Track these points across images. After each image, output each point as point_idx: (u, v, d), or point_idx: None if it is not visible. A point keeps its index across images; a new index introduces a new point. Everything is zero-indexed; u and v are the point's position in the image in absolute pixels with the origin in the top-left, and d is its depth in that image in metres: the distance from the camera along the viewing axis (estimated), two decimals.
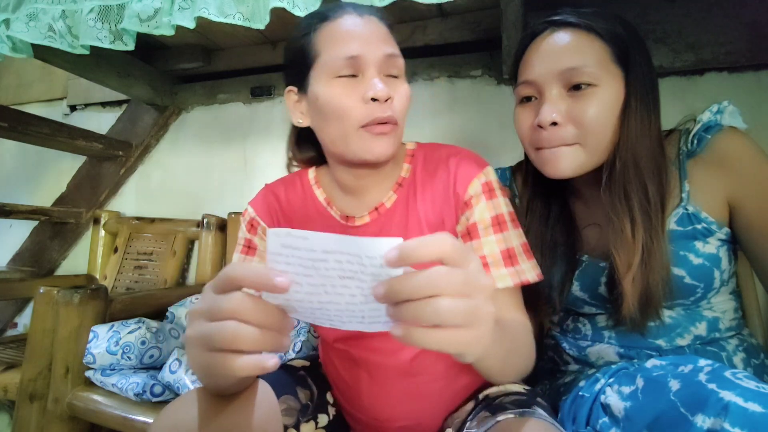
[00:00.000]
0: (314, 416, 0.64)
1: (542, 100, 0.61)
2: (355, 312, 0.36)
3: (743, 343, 0.64)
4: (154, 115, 1.66)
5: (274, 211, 0.70)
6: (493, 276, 0.57)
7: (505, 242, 0.59)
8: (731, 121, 0.62)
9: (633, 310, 0.59)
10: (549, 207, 0.72)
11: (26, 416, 1.01)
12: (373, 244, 0.32)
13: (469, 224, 0.60)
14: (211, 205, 1.58)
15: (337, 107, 0.57)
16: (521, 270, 0.58)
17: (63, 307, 0.99)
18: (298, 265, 0.34)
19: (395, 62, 0.59)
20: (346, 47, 0.56)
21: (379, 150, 0.57)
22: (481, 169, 0.62)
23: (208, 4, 0.91)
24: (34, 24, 1.04)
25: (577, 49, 0.59)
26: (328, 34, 0.58)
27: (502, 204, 0.61)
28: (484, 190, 0.61)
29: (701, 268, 0.60)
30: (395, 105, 0.58)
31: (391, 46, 0.59)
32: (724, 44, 1.04)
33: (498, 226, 0.59)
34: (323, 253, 0.33)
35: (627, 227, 0.59)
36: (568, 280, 0.69)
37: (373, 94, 0.55)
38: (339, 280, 0.34)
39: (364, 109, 0.56)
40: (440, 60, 1.33)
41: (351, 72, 0.57)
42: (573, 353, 0.71)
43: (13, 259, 1.77)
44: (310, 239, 0.33)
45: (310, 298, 0.35)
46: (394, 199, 0.64)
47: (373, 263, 0.32)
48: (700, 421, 0.41)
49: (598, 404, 0.54)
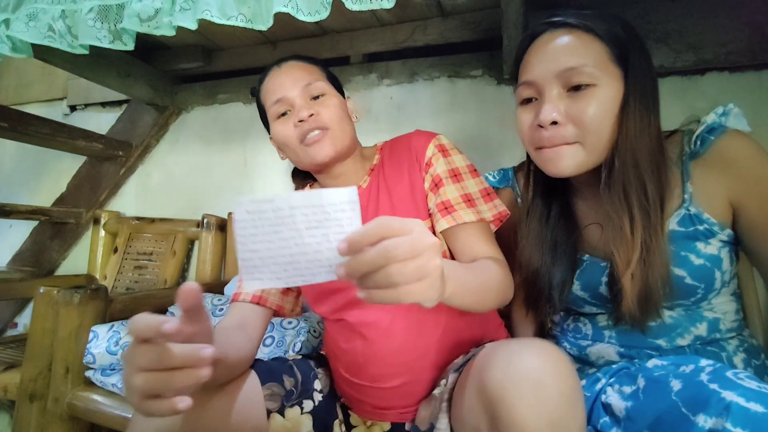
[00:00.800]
0: (299, 402, 0.70)
1: (542, 101, 0.61)
2: (323, 261, 0.41)
3: (744, 343, 0.64)
4: (154, 115, 1.66)
5: None
6: (460, 214, 0.69)
7: (463, 189, 0.72)
8: (735, 123, 0.62)
9: (633, 308, 0.59)
10: (550, 206, 0.72)
11: (26, 416, 1.01)
12: (332, 193, 0.39)
13: (433, 177, 0.74)
14: (211, 205, 1.58)
15: (282, 139, 0.76)
16: (480, 210, 0.70)
17: (63, 307, 0.99)
18: (267, 225, 0.39)
19: (313, 87, 0.75)
20: (273, 95, 0.76)
21: (322, 153, 0.73)
22: (433, 137, 0.78)
23: (209, 6, 0.90)
24: (34, 24, 1.04)
25: (576, 50, 0.59)
26: (264, 91, 0.79)
27: (457, 160, 0.75)
28: (439, 149, 0.76)
29: (702, 269, 0.60)
30: (322, 116, 0.73)
31: (306, 77, 0.76)
32: (725, 44, 1.04)
33: (455, 177, 0.73)
34: (290, 209, 0.39)
35: (626, 225, 0.59)
36: (569, 279, 0.69)
37: (297, 118, 0.73)
38: (306, 231, 0.39)
39: (295, 131, 0.74)
40: (440, 60, 1.33)
41: (283, 111, 0.75)
42: (573, 353, 0.72)
43: (13, 259, 1.77)
44: (276, 200, 0.39)
45: (282, 251, 0.40)
46: (368, 180, 0.80)
47: (335, 209, 0.39)
48: (701, 421, 0.41)
49: (599, 404, 0.54)
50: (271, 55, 1.48)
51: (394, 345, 0.66)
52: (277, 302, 0.77)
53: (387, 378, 0.66)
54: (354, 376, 0.69)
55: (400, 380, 0.66)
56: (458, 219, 0.69)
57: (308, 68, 0.78)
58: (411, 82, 1.37)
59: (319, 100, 0.76)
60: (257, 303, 0.75)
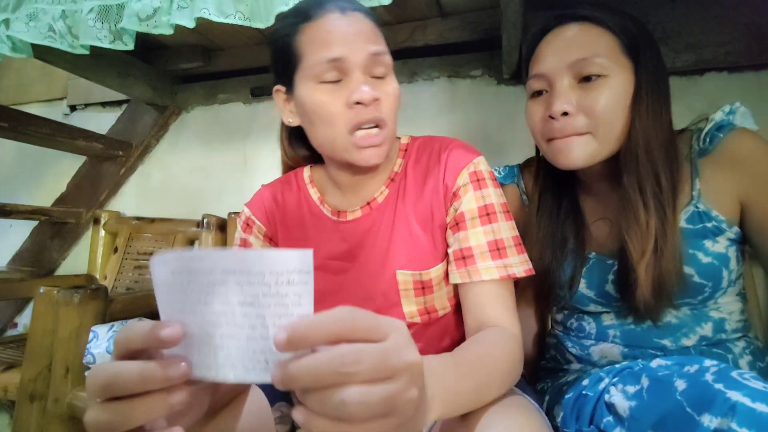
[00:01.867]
0: None
1: (553, 92, 0.62)
2: (257, 353, 0.29)
3: (750, 345, 0.64)
4: (154, 115, 1.66)
5: (270, 211, 0.69)
6: (478, 268, 0.56)
7: (494, 233, 0.57)
8: (743, 122, 0.62)
9: (648, 297, 0.59)
10: (559, 202, 0.73)
11: (26, 416, 1.01)
12: (278, 257, 0.28)
13: (456, 215, 0.59)
14: (211, 205, 1.57)
15: (323, 114, 0.56)
16: (509, 263, 0.56)
17: (63, 307, 0.99)
18: (196, 292, 0.29)
19: (381, 60, 0.57)
20: (328, 50, 0.55)
21: (372, 159, 0.57)
22: (471, 159, 0.61)
23: (207, 4, 0.90)
24: (34, 24, 1.04)
25: (586, 41, 0.60)
26: (310, 35, 0.56)
27: (492, 194, 0.60)
28: (472, 179, 0.60)
29: (710, 267, 0.61)
30: (383, 106, 0.57)
31: (376, 43, 0.57)
32: (724, 44, 1.04)
33: (486, 217, 0.58)
34: (222, 273, 0.29)
35: (641, 215, 0.59)
36: (577, 275, 0.69)
37: (358, 98, 0.54)
38: (239, 308, 0.29)
39: (350, 114, 0.55)
40: (440, 60, 1.33)
41: (335, 76, 0.56)
42: (576, 352, 0.71)
43: (13, 259, 1.76)
44: (206, 259, 0.29)
45: (212, 330, 0.29)
46: (386, 194, 0.64)
47: (279, 280, 0.28)
48: (706, 420, 0.41)
49: (602, 403, 0.54)
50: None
51: None
52: None
53: None
54: None
55: None
56: (474, 276, 0.56)
57: (377, 33, 0.59)
58: (411, 82, 1.37)
59: (382, 81, 0.58)
60: None
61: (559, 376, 0.73)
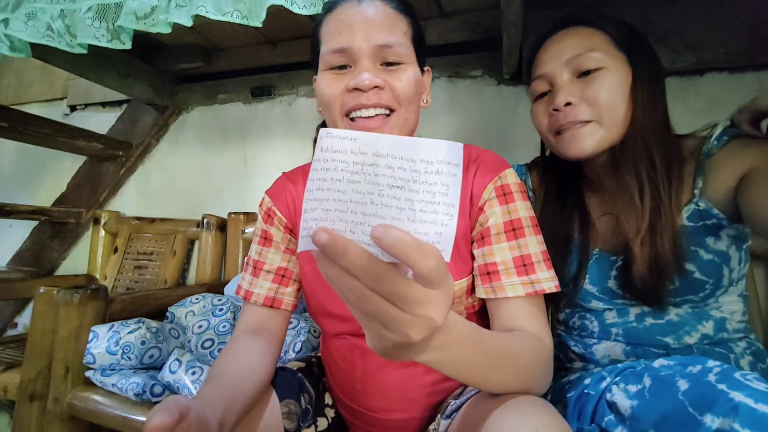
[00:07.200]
0: (314, 420, 0.64)
1: (555, 89, 0.66)
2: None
3: (751, 346, 0.65)
4: (154, 115, 1.66)
5: (290, 200, 0.69)
6: (503, 285, 0.55)
7: (520, 249, 0.56)
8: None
9: (644, 272, 0.61)
10: (564, 200, 0.74)
11: (26, 416, 1.01)
12: (431, 146, 0.29)
13: (483, 229, 0.58)
14: (211, 205, 1.58)
15: (324, 98, 0.58)
16: (536, 279, 0.55)
17: (63, 307, 0.99)
18: (342, 170, 0.30)
19: (391, 51, 0.56)
20: (335, 40, 0.56)
21: None
22: (499, 173, 0.60)
23: (205, 2, 0.90)
24: (33, 23, 1.04)
25: (580, 40, 0.65)
26: (327, 25, 0.58)
27: (519, 208, 0.58)
28: (498, 194, 0.59)
29: (711, 264, 0.61)
30: (387, 94, 0.56)
31: (387, 33, 0.56)
32: (724, 45, 1.04)
33: (512, 232, 0.57)
34: (374, 156, 0.29)
35: (635, 194, 0.62)
36: (582, 270, 0.70)
37: (354, 84, 0.54)
38: (388, 189, 0.29)
39: (345, 98, 0.56)
40: (440, 60, 1.33)
41: (343, 62, 0.57)
42: (578, 351, 0.72)
43: (13, 259, 1.77)
44: (359, 140, 0.30)
45: (354, 208, 0.30)
46: None
47: (429, 169, 0.29)
48: (708, 420, 0.41)
49: (604, 402, 0.54)
50: (271, 55, 1.48)
51: (394, 377, 0.60)
52: (293, 301, 0.68)
53: (384, 411, 0.61)
54: (350, 400, 0.65)
55: (398, 415, 0.61)
56: (499, 292, 0.55)
57: (392, 22, 0.57)
58: None
59: (393, 68, 0.57)
60: (271, 306, 0.65)
61: (561, 375, 0.73)
